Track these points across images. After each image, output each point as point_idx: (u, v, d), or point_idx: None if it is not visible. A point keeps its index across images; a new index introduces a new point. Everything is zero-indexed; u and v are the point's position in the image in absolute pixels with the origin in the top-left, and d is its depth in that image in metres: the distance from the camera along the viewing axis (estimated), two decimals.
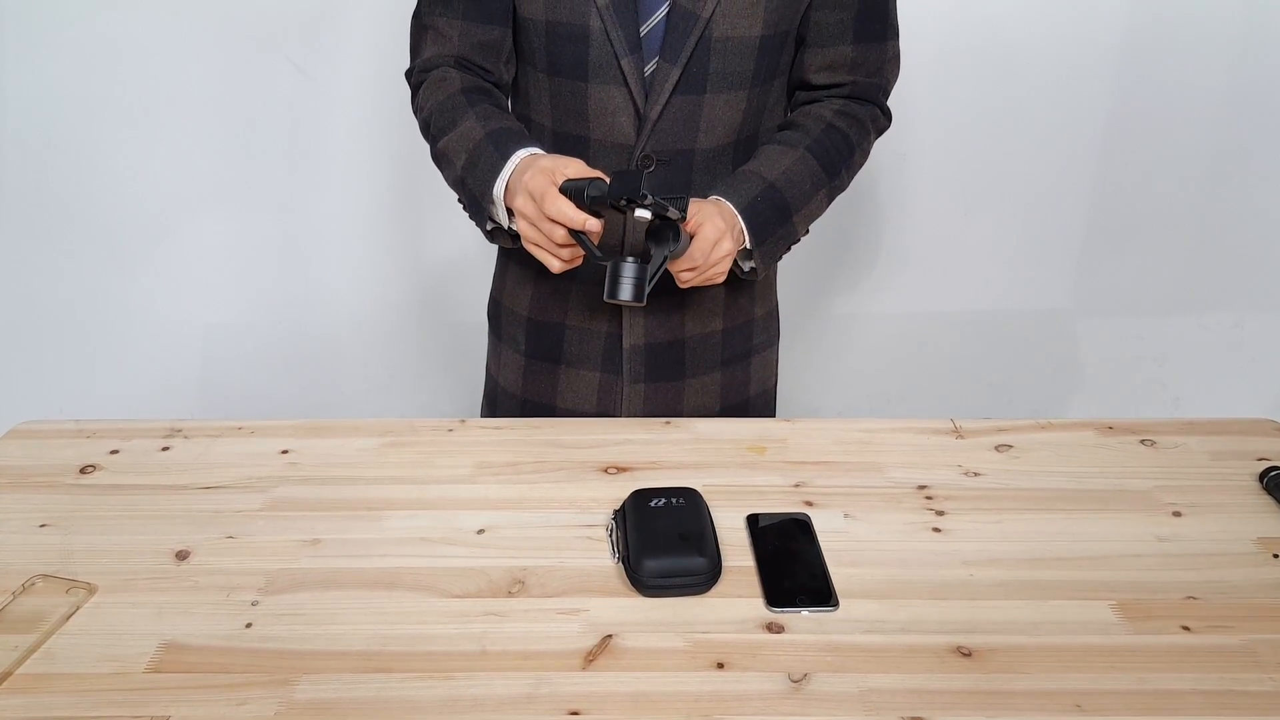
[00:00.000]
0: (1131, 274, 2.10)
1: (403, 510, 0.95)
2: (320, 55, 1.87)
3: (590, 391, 1.20)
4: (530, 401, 1.24)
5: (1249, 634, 0.80)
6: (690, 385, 1.21)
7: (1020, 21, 1.86)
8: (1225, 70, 1.90)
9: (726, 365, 1.22)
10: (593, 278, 1.16)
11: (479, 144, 1.02)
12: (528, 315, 1.21)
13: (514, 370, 1.24)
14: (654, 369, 1.19)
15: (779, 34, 1.07)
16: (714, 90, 1.06)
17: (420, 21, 1.10)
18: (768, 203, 1.05)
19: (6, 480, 0.99)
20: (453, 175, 1.05)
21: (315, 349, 2.13)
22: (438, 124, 1.06)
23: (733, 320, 1.21)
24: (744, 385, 1.25)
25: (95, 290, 2.04)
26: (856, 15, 1.08)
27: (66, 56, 1.84)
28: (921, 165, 1.97)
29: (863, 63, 1.11)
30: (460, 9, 1.07)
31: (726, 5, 1.02)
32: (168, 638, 0.79)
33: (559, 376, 1.21)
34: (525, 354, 1.23)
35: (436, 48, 1.08)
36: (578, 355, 1.20)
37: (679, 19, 1.02)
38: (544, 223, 0.93)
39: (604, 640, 0.79)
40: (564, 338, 1.20)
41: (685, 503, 0.92)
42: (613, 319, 1.17)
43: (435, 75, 1.08)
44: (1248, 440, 1.08)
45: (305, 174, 1.97)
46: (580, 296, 1.17)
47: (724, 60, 1.05)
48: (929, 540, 0.92)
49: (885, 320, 2.14)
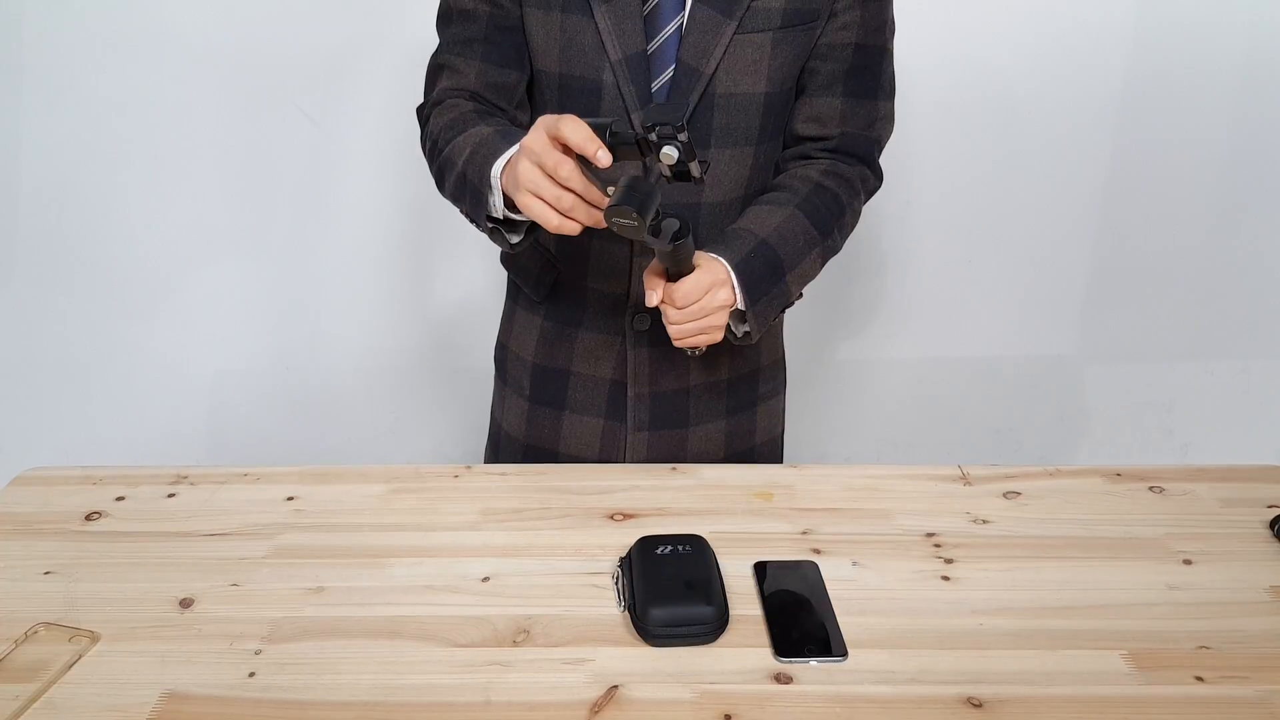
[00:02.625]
0: (1137, 321, 2.10)
1: (407, 558, 0.95)
2: (330, 104, 1.90)
3: (593, 438, 1.20)
4: (533, 447, 1.24)
5: (1263, 685, 0.79)
6: (694, 434, 1.21)
7: (1023, 70, 1.88)
8: (1228, 116, 1.92)
9: (732, 414, 1.22)
10: (601, 324, 1.17)
11: (487, 137, 0.98)
12: (533, 360, 1.22)
13: (517, 415, 1.25)
14: (658, 417, 1.19)
15: (784, 91, 1.09)
16: (719, 145, 1.07)
17: (437, 61, 1.11)
18: (760, 260, 1.02)
19: (12, 527, 0.99)
20: (454, 174, 1.00)
21: (322, 395, 2.13)
22: (445, 136, 1.03)
23: (739, 369, 1.21)
24: (750, 434, 1.24)
25: (104, 338, 2.06)
26: (849, 69, 1.08)
27: (79, 108, 1.87)
28: (926, 213, 1.98)
29: (852, 117, 1.10)
30: (480, 51, 1.07)
31: (730, 62, 1.03)
32: (170, 687, 0.78)
33: (562, 423, 1.21)
34: (529, 399, 1.23)
35: (451, 83, 1.08)
36: (581, 402, 1.20)
37: (683, 75, 1.04)
38: (550, 153, 0.83)
39: (610, 691, 0.78)
40: (568, 384, 1.20)
41: (692, 550, 0.91)
42: (618, 367, 1.18)
43: (448, 104, 1.07)
44: (1257, 487, 1.07)
45: (314, 222, 1.99)
46: (586, 343, 1.18)
47: (728, 116, 1.06)
48: (938, 589, 0.91)
49: (892, 367, 2.14)
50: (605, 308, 1.16)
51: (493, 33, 1.07)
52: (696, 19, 1.02)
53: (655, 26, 1.04)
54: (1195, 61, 1.87)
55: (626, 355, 1.17)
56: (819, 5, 1.04)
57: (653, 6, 1.03)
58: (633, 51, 1.03)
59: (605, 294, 1.16)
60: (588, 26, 1.04)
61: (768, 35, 1.04)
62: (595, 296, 1.16)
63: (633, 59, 1.03)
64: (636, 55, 1.03)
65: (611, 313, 1.16)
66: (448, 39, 1.10)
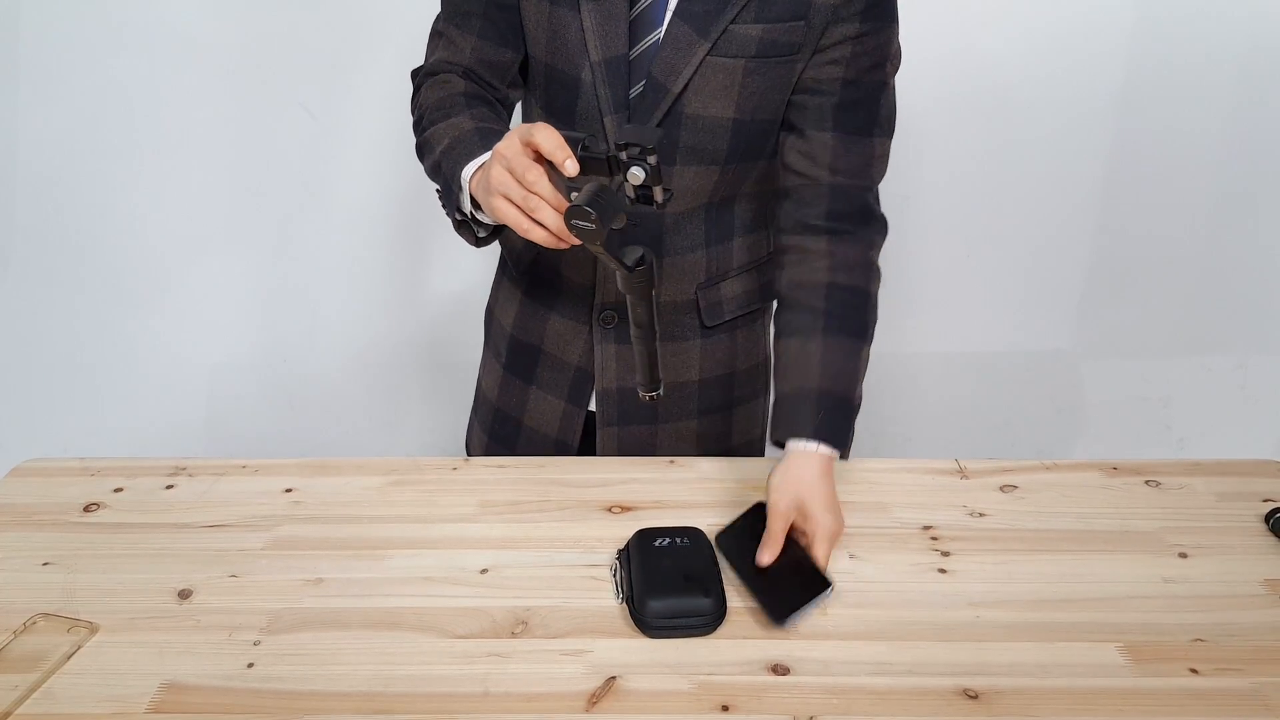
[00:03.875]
0: (1134, 316, 2.10)
1: (406, 549, 0.95)
2: (327, 98, 1.89)
3: (554, 417, 1.22)
4: (501, 411, 1.26)
5: (1258, 677, 0.80)
6: (663, 430, 1.21)
7: (1021, 65, 1.88)
8: (1227, 112, 1.92)
9: (703, 414, 1.22)
10: (570, 311, 1.17)
11: (466, 133, 0.98)
12: (511, 331, 1.24)
13: (493, 378, 1.27)
14: (626, 412, 1.19)
15: (757, 121, 1.05)
16: (683, 162, 1.06)
17: (436, 28, 1.10)
18: (828, 411, 0.99)
19: (10, 518, 0.99)
20: (431, 161, 1.00)
21: (320, 388, 2.14)
22: (430, 117, 1.03)
23: (709, 372, 1.20)
24: (724, 435, 1.24)
25: (102, 330, 2.06)
26: (838, 103, 1.02)
27: (79, 100, 1.87)
28: (924, 208, 1.98)
29: (845, 155, 1.04)
30: (477, 27, 1.06)
31: (699, 84, 1.01)
32: (169, 678, 0.78)
33: (529, 396, 1.23)
34: (504, 366, 1.25)
35: (447, 54, 1.08)
36: (547, 381, 1.21)
37: (651, 89, 1.02)
38: (520, 158, 0.84)
39: (608, 682, 0.79)
40: (538, 360, 1.21)
41: (689, 543, 0.91)
42: (584, 355, 1.18)
43: (441, 78, 1.07)
44: (1253, 481, 1.08)
45: (311, 214, 1.99)
46: (557, 326, 1.19)
47: (694, 135, 1.04)
48: (935, 581, 0.91)
49: (889, 361, 2.14)
50: (574, 297, 1.17)
51: (490, 9, 1.06)
52: (672, 34, 1.00)
53: (639, 34, 1.02)
54: (1193, 56, 1.87)
55: (594, 348, 1.17)
56: (801, 39, 1.00)
57: (640, 12, 1.01)
58: (613, 55, 1.02)
59: (575, 284, 1.17)
60: (573, 22, 1.02)
61: (740, 62, 1.01)
62: (567, 284, 1.17)
63: (612, 62, 1.02)
64: (617, 59, 1.02)
65: (580, 303, 1.17)
66: (449, 7, 1.09)
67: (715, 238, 1.14)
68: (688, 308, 1.16)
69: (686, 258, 1.13)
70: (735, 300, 1.18)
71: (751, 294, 1.20)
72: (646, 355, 0.94)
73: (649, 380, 0.96)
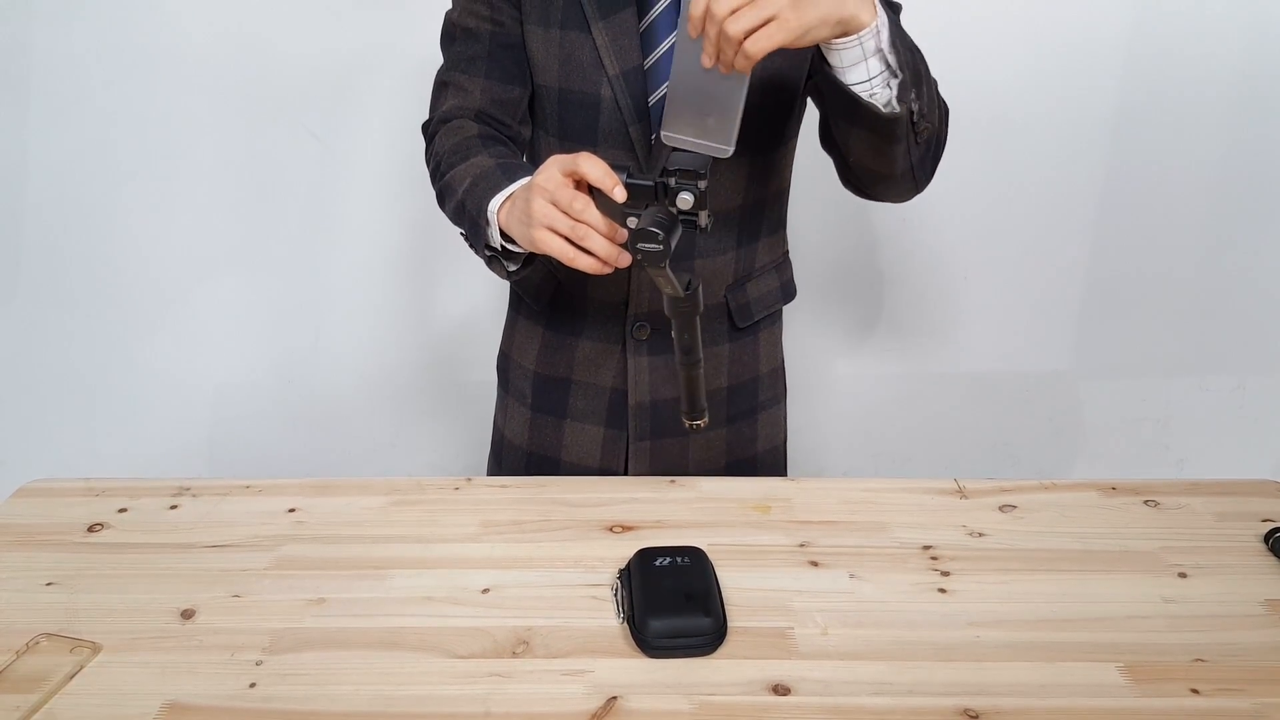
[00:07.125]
0: (1133, 336, 2.11)
1: (408, 569, 0.95)
2: (334, 120, 1.91)
3: (594, 446, 1.21)
4: (536, 454, 1.25)
5: (1259, 697, 0.80)
6: (696, 441, 1.22)
7: (1019, 87, 1.89)
8: (1224, 133, 1.94)
9: (732, 422, 1.23)
10: (599, 333, 1.18)
11: (488, 170, 1.00)
12: (535, 369, 1.23)
13: (520, 423, 1.26)
14: (659, 426, 1.20)
15: (780, 103, 1.10)
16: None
17: (442, 79, 1.13)
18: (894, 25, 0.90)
19: (14, 538, 0.99)
20: (454, 203, 1.02)
21: (324, 409, 2.14)
22: (449, 161, 1.05)
23: (738, 377, 1.22)
24: (750, 442, 1.25)
25: (107, 351, 2.06)
26: None
27: (87, 123, 1.89)
28: (922, 228, 2.00)
29: None
30: (483, 69, 1.09)
31: None
32: (171, 698, 0.79)
33: (564, 431, 1.22)
34: (531, 407, 1.24)
35: (457, 101, 1.10)
36: (582, 410, 1.21)
37: None
38: (564, 189, 0.85)
39: (609, 702, 0.79)
40: (569, 392, 1.21)
41: (690, 562, 0.92)
42: (618, 375, 1.19)
43: (454, 124, 1.09)
44: (1252, 501, 1.08)
45: (316, 236, 2.00)
46: (586, 351, 1.19)
47: None
48: (934, 601, 0.92)
49: (888, 381, 2.15)
50: (605, 317, 1.18)
51: (495, 50, 1.09)
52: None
53: (651, 43, 1.06)
54: (1191, 78, 1.89)
55: (627, 364, 1.18)
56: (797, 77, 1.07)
57: (649, 23, 1.05)
58: (629, 66, 1.05)
59: (605, 303, 1.17)
60: (585, 43, 1.06)
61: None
62: (595, 306, 1.18)
63: (629, 74, 1.05)
64: (633, 70, 1.05)
65: (611, 321, 1.18)
66: (452, 57, 1.12)
67: (745, 239, 1.17)
68: (718, 311, 1.18)
69: (716, 260, 1.16)
70: (760, 301, 1.21)
71: (773, 292, 1.23)
72: (690, 381, 0.96)
73: (692, 409, 0.98)
